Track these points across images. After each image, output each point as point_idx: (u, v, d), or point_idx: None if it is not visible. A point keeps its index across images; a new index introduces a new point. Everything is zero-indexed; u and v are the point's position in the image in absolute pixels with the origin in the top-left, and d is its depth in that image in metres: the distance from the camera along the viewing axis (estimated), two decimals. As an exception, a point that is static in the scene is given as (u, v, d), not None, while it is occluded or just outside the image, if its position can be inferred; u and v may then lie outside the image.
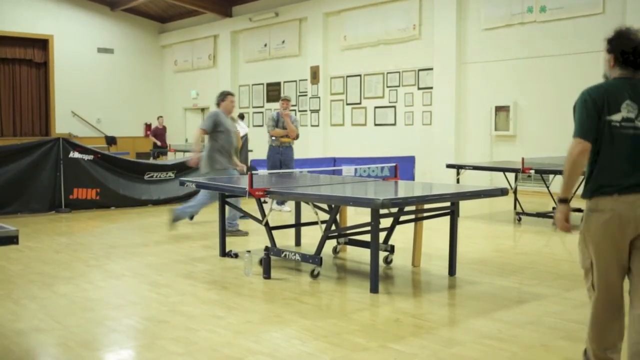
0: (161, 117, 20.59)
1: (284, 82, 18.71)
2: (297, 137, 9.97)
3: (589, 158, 3.03)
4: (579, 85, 3.54)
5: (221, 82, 20.51)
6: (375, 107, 16.17)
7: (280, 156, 9.93)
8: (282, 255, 6.08)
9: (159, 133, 19.87)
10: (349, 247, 7.01)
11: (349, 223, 6.75)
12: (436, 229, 7.49)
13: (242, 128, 14.60)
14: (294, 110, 18.42)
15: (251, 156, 13.63)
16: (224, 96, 8.26)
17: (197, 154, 8.16)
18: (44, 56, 21.14)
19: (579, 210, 7.99)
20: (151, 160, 16.80)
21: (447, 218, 6.01)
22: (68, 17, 21.22)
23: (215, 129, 7.96)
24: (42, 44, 21.04)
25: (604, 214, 2.98)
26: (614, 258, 3.02)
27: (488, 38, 13.75)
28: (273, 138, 9.89)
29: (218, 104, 8.26)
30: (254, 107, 19.73)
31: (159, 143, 19.48)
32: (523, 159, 9.08)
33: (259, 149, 14.70)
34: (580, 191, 3.17)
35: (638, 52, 3.05)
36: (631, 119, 2.99)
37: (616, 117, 2.99)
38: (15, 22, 20.24)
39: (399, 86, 15.60)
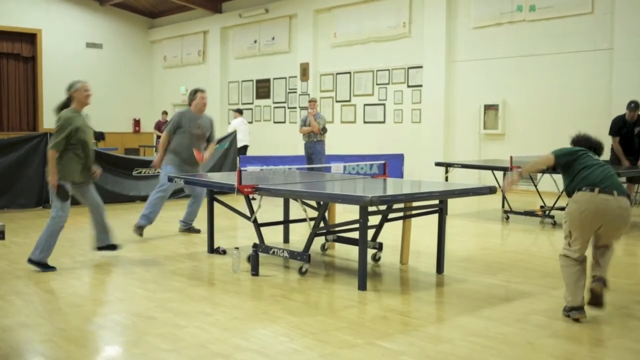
0: (166, 112, 20.19)
1: (274, 78, 18.67)
2: (322, 130, 11.53)
3: (570, 168, 4.59)
4: (567, 84, 3.56)
5: (210, 78, 20.46)
6: (365, 105, 16.18)
7: (309, 150, 11.64)
8: (271, 252, 6.08)
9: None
10: (337, 245, 7.02)
11: (338, 220, 6.76)
12: (424, 227, 7.51)
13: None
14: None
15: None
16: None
17: None
18: (32, 50, 20.96)
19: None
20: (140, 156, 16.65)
21: (436, 216, 6.02)
22: (57, 11, 21.05)
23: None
24: (30, 38, 20.85)
25: (584, 203, 4.39)
26: (585, 232, 4.46)
27: (478, 36, 13.79)
28: (303, 135, 11.68)
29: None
30: (243, 104, 19.67)
31: None
32: (511, 157, 9.12)
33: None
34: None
35: None
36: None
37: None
38: (3, 15, 20.04)
39: (388, 84, 15.62)
